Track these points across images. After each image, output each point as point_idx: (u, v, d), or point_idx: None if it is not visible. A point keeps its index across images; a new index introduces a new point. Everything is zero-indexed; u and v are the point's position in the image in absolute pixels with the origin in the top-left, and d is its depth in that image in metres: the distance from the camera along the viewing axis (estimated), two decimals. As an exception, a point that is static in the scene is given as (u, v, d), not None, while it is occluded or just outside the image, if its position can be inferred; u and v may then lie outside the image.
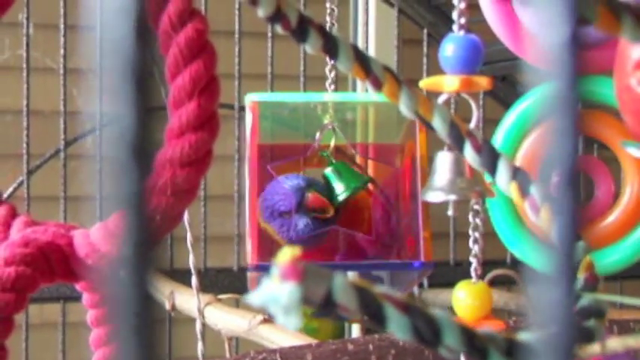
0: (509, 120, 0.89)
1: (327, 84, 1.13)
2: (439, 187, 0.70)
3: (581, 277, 0.56)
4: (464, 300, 0.80)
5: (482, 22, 0.91)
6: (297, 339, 1.16)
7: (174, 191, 0.72)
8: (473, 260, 0.78)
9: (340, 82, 1.51)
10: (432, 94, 0.73)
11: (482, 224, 0.78)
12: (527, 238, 0.88)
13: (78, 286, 0.83)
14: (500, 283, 1.48)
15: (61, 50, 1.69)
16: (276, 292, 0.40)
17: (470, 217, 0.75)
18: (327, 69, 1.12)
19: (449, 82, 0.70)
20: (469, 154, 0.60)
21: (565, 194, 0.25)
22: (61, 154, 1.69)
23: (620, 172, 0.91)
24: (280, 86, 1.73)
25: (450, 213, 0.72)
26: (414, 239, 1.06)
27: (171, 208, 0.73)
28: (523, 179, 0.56)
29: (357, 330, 1.89)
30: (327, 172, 1.11)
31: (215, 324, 1.30)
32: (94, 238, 0.76)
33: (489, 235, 0.98)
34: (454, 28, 0.71)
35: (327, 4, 1.16)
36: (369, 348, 0.92)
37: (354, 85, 2.12)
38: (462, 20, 0.70)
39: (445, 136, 0.60)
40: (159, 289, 1.44)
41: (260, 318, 1.24)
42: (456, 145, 0.60)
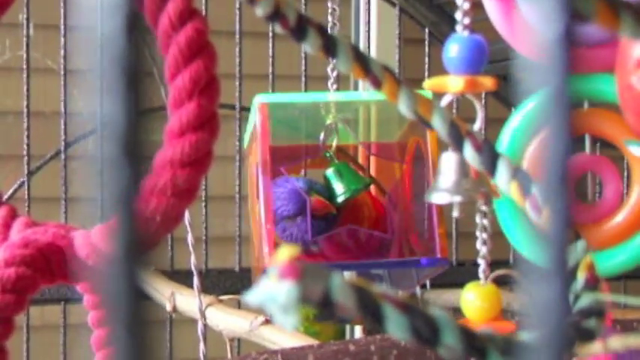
0: (515, 120, 0.89)
1: (329, 83, 1.13)
2: (444, 189, 0.70)
3: (582, 277, 0.56)
4: (473, 302, 0.79)
5: (484, 21, 0.91)
6: (299, 340, 1.16)
7: (174, 191, 0.72)
8: (481, 262, 0.77)
9: (342, 81, 1.51)
10: (438, 95, 0.73)
11: (489, 225, 0.78)
12: (534, 238, 0.87)
13: (78, 288, 0.83)
14: (503, 283, 1.48)
15: (62, 51, 1.69)
16: (274, 291, 0.40)
17: (477, 219, 0.75)
18: (329, 68, 1.12)
19: (453, 83, 0.69)
20: (469, 153, 0.60)
21: (558, 190, 0.24)
22: (62, 155, 1.69)
23: (628, 171, 0.90)
24: (281, 86, 1.73)
25: (455, 214, 0.72)
26: (418, 237, 1.05)
27: (172, 208, 0.73)
28: (524, 179, 0.56)
29: (359, 333, 1.89)
30: (328, 172, 1.11)
31: (216, 325, 1.30)
32: (94, 239, 0.76)
33: (492, 235, 0.98)
34: (457, 28, 0.71)
35: (329, 3, 1.16)
36: (370, 349, 0.92)
37: (355, 85, 2.12)
38: (466, 20, 0.69)
39: (445, 136, 0.60)
40: (160, 290, 1.43)
41: (262, 319, 1.24)
42: (456, 145, 0.60)
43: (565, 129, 0.23)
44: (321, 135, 1.10)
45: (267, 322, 1.23)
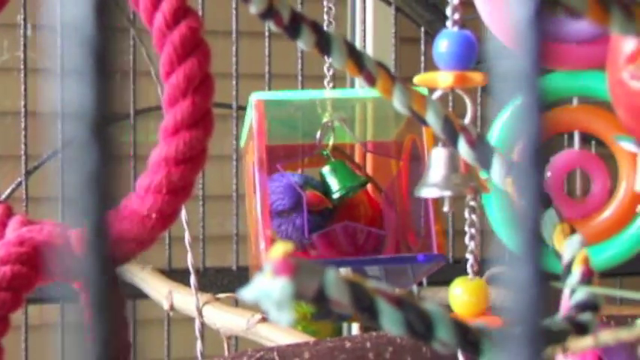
0: (505, 115, 0.89)
1: (325, 82, 1.13)
2: (434, 183, 0.70)
3: (577, 271, 0.56)
4: (460, 296, 0.80)
5: (478, 19, 0.91)
6: (296, 338, 1.16)
7: (169, 189, 0.72)
8: (469, 257, 0.78)
9: (338, 80, 1.51)
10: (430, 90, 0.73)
11: (481, 221, 0.79)
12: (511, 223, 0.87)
13: (75, 286, 0.83)
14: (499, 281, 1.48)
15: (59, 51, 1.69)
16: (269, 287, 0.40)
17: (466, 214, 0.76)
18: (325, 67, 1.12)
19: (443, 78, 0.70)
20: (463, 149, 0.60)
21: (530, 171, 0.25)
22: (59, 155, 1.69)
23: (617, 168, 0.91)
24: (278, 85, 1.73)
25: (446, 209, 0.72)
26: (416, 234, 1.06)
27: (167, 206, 0.73)
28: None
29: (356, 330, 1.89)
30: (324, 170, 1.11)
31: (214, 323, 1.30)
32: (85, 237, 0.76)
33: (488, 232, 0.98)
34: (447, 23, 0.71)
35: (325, 2, 1.16)
36: (366, 345, 0.92)
37: (352, 84, 2.12)
38: (456, 16, 0.70)
39: (439, 132, 0.60)
40: (157, 288, 1.44)
41: (258, 317, 1.24)
42: (450, 141, 0.60)
43: (537, 109, 0.24)
44: (318, 133, 1.10)
45: (264, 320, 1.23)
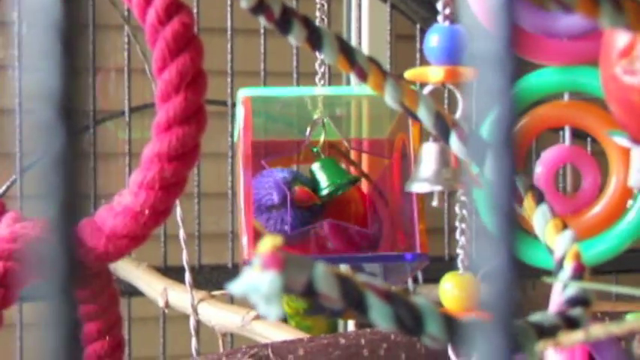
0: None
1: (317, 79, 1.13)
2: (424, 178, 0.70)
3: (569, 266, 0.56)
4: (450, 291, 0.80)
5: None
6: (291, 334, 1.16)
7: (162, 185, 0.72)
8: (460, 251, 0.78)
9: (334, 78, 1.51)
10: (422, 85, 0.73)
11: (470, 215, 0.79)
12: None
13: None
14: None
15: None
16: (258, 281, 0.40)
17: (457, 209, 0.75)
18: (316, 64, 1.12)
19: (434, 73, 0.69)
20: (455, 144, 0.60)
21: (501, 154, 0.25)
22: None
23: (607, 164, 0.90)
24: (273, 83, 1.73)
25: (435, 203, 0.72)
26: (404, 232, 1.06)
27: (160, 202, 0.73)
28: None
29: (352, 327, 1.89)
30: (314, 167, 1.11)
31: (209, 320, 1.30)
32: (81, 233, 0.76)
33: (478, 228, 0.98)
34: (438, 18, 0.71)
35: (318, -1, 1.16)
36: (360, 342, 0.92)
37: (348, 82, 2.12)
38: (447, 11, 0.70)
39: (431, 127, 0.60)
40: (153, 286, 1.43)
41: (253, 314, 1.24)
42: (442, 136, 0.60)
43: (508, 92, 0.24)
44: (307, 130, 1.10)
45: (259, 317, 1.23)
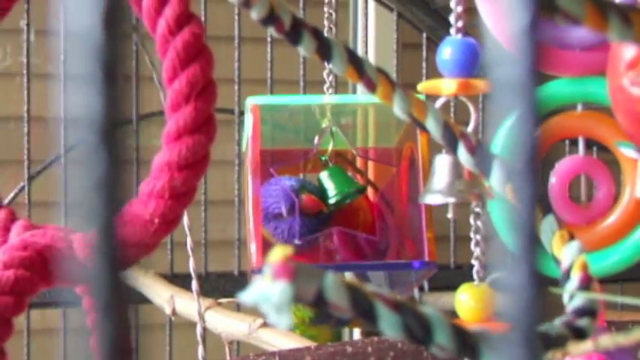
0: (510, 122, 0.90)
1: (325, 87, 1.13)
2: (438, 190, 0.70)
3: (575, 277, 0.57)
4: (466, 302, 0.80)
5: (481, 24, 0.91)
6: (298, 342, 1.17)
7: (172, 194, 0.73)
8: (475, 263, 0.78)
9: (340, 86, 1.52)
10: (433, 97, 0.73)
11: (484, 226, 0.79)
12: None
13: (77, 290, 0.83)
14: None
15: (62, 57, 1.69)
16: (268, 290, 0.40)
17: (471, 220, 0.76)
18: (325, 73, 1.13)
19: (446, 86, 0.70)
20: (463, 155, 0.60)
21: (525, 178, 0.25)
22: (62, 159, 1.70)
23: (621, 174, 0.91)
24: (280, 91, 1.74)
25: (450, 216, 0.73)
26: (412, 241, 1.06)
27: (170, 210, 0.74)
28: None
29: (357, 335, 1.89)
30: (322, 175, 1.12)
31: (215, 328, 1.31)
32: (92, 241, 0.76)
33: (490, 237, 0.98)
34: (451, 31, 0.71)
35: (325, 7, 1.16)
36: (367, 350, 0.92)
37: (354, 90, 2.13)
38: (460, 23, 0.70)
39: (439, 138, 0.61)
40: (160, 293, 1.44)
41: (260, 322, 1.24)
42: (450, 147, 0.61)
43: (532, 118, 0.24)
44: (316, 139, 1.11)
45: (266, 324, 1.24)
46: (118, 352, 0.23)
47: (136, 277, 1.47)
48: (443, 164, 0.70)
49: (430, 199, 0.71)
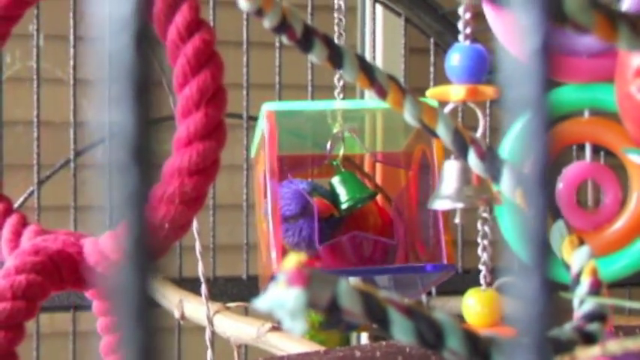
0: (517, 129, 0.90)
1: (335, 93, 1.13)
2: (446, 196, 0.71)
3: (585, 282, 0.57)
4: (473, 307, 0.80)
5: (488, 30, 0.92)
6: (306, 347, 1.17)
7: (182, 199, 0.73)
8: (482, 268, 0.79)
9: (348, 91, 1.52)
10: (442, 103, 0.73)
11: (491, 231, 0.79)
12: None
13: (87, 294, 0.84)
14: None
15: (71, 61, 1.70)
16: (283, 297, 0.41)
17: (478, 225, 0.76)
18: (335, 78, 1.13)
19: (455, 92, 0.70)
20: (473, 161, 0.61)
21: (537, 190, 0.26)
22: (71, 164, 1.71)
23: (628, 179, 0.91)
24: (288, 96, 1.74)
25: (457, 221, 0.73)
26: (423, 244, 1.06)
27: (180, 216, 0.74)
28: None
29: (365, 339, 1.89)
30: (334, 180, 1.12)
31: (224, 332, 1.31)
32: (103, 246, 0.77)
33: (498, 242, 0.99)
34: (459, 37, 0.72)
35: (335, 14, 1.17)
36: (376, 354, 0.93)
37: (362, 95, 2.13)
38: (468, 30, 0.71)
39: (449, 144, 0.61)
40: (168, 297, 1.44)
41: (269, 326, 1.25)
42: (460, 153, 0.61)
43: (544, 134, 0.25)
44: (328, 144, 1.11)
45: (275, 328, 1.24)
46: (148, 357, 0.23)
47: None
48: (451, 170, 0.70)
49: (439, 204, 0.72)
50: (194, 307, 1.38)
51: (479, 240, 0.78)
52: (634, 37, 0.41)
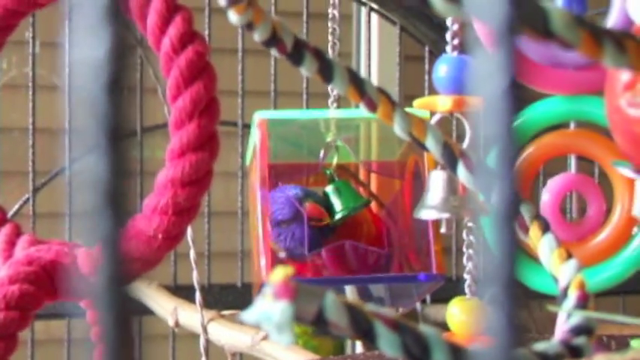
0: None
1: (329, 102, 1.14)
2: (432, 206, 0.71)
3: (573, 295, 0.57)
4: (458, 316, 0.81)
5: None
6: (300, 355, 1.17)
7: (175, 210, 0.74)
8: (467, 277, 0.79)
9: (344, 99, 1.52)
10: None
11: (477, 241, 0.80)
12: (521, 256, 0.89)
13: (81, 304, 0.84)
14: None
15: (67, 69, 1.70)
16: (270, 310, 0.41)
17: (464, 235, 0.77)
18: (329, 86, 1.13)
19: (442, 102, 0.71)
20: (462, 174, 0.61)
21: (503, 227, 0.26)
22: (67, 171, 1.71)
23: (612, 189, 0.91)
24: (283, 103, 1.75)
25: (443, 230, 0.74)
26: (416, 253, 1.07)
27: (173, 226, 0.75)
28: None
29: (359, 347, 1.90)
30: (328, 189, 1.12)
31: (218, 340, 1.31)
32: (96, 256, 0.77)
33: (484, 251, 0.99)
34: (447, 48, 0.72)
35: (329, 23, 1.17)
36: (369, 364, 0.93)
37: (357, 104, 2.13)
38: (456, 41, 0.71)
39: (438, 157, 0.61)
40: (163, 305, 1.45)
41: (263, 334, 1.25)
42: (450, 166, 0.62)
43: (511, 177, 0.25)
44: (321, 153, 1.11)
45: (269, 337, 1.24)
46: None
47: (140, 289, 1.48)
48: (438, 180, 0.71)
49: (425, 214, 0.72)
50: (188, 315, 1.38)
51: (464, 249, 0.78)
52: (619, 55, 0.41)
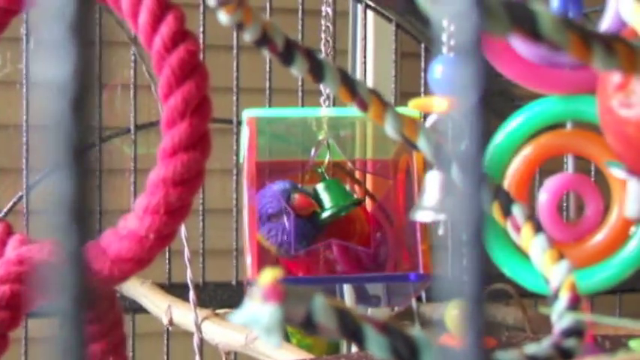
0: (498, 138, 0.91)
1: (321, 99, 1.14)
2: (429, 207, 0.71)
3: (564, 297, 0.57)
4: (457, 315, 0.80)
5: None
6: (294, 354, 1.17)
7: (167, 210, 0.74)
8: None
9: (338, 98, 1.52)
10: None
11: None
12: (515, 256, 0.89)
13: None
14: (499, 297, 1.49)
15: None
16: (258, 312, 0.41)
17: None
18: (322, 85, 1.13)
19: (438, 103, 0.71)
20: (456, 174, 0.61)
21: (473, 249, 0.26)
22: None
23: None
24: (278, 100, 1.74)
25: (441, 232, 0.74)
26: (409, 252, 1.07)
27: (165, 226, 0.74)
28: (504, 199, 0.57)
29: (354, 347, 1.89)
30: (318, 187, 1.12)
31: (212, 338, 1.31)
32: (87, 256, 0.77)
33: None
34: (443, 49, 0.72)
35: (322, 21, 1.17)
36: (362, 364, 0.93)
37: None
38: (452, 41, 0.71)
39: (431, 158, 0.61)
40: (157, 303, 1.44)
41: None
42: (443, 167, 0.61)
43: (478, 192, 0.25)
44: (312, 151, 1.11)
45: (262, 336, 1.24)
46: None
47: (134, 287, 1.48)
48: (434, 181, 0.71)
49: (421, 215, 0.72)
50: (182, 313, 1.38)
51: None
52: (608, 57, 0.41)
